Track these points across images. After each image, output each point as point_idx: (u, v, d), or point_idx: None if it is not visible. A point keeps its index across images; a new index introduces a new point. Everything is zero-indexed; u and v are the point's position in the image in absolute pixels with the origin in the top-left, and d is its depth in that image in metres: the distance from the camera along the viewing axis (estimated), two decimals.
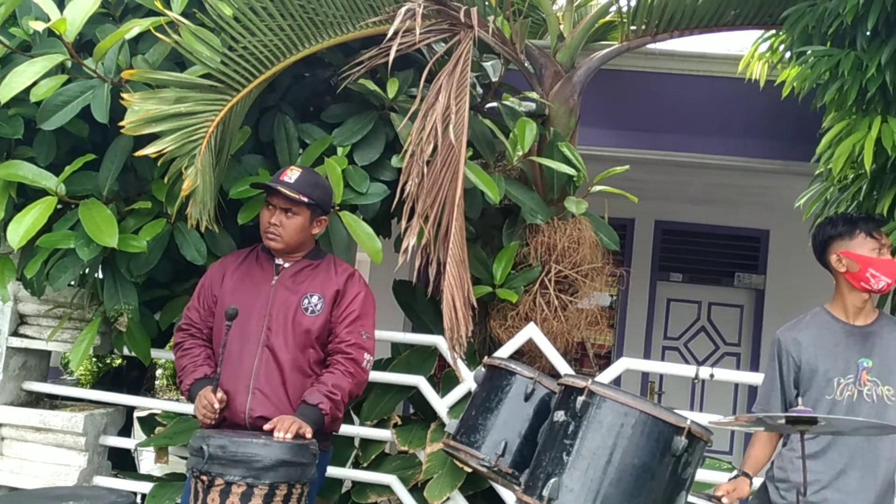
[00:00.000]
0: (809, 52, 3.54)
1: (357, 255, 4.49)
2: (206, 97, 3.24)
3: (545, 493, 2.20)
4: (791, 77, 4.18)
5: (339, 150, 3.70)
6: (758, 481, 3.52)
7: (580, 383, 2.30)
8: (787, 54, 4.15)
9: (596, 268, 3.96)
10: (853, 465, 2.67)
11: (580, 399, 2.26)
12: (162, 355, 4.07)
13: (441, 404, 3.82)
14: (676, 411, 2.31)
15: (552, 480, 2.21)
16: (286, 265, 3.03)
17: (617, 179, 4.10)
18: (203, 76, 3.26)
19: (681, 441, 2.20)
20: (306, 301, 2.96)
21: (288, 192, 2.93)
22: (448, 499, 3.67)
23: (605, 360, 7.17)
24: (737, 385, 7.21)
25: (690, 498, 2.41)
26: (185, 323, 3.10)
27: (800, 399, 2.57)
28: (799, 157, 5.15)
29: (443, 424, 3.77)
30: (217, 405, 2.81)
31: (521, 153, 3.90)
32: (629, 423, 2.24)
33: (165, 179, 3.24)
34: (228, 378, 2.91)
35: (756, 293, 7.49)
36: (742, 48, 4.99)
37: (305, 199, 2.95)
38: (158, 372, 8.02)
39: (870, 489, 2.67)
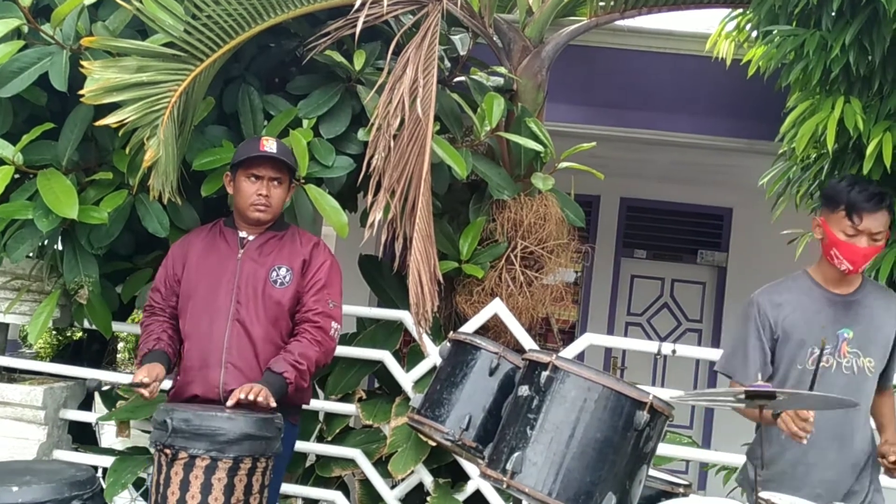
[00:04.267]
0: (775, 31, 3.56)
1: (322, 229, 4.46)
2: (169, 66, 3.18)
3: (508, 466, 2.22)
4: (757, 56, 4.20)
5: (305, 123, 3.66)
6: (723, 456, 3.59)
7: (544, 358, 2.31)
8: (754, 33, 4.17)
9: (562, 244, 3.98)
10: (829, 437, 2.66)
11: (544, 374, 2.27)
12: (123, 328, 4.02)
13: (406, 379, 3.82)
14: (639, 386, 2.33)
15: (516, 454, 2.22)
16: (250, 238, 3.01)
17: (583, 156, 4.11)
18: (165, 45, 3.20)
19: (643, 416, 2.22)
20: (274, 273, 2.95)
21: (283, 159, 2.96)
22: (412, 472, 3.69)
23: (570, 336, 7.21)
24: (698, 361, 7.31)
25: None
26: (148, 304, 3.08)
27: (759, 374, 2.58)
28: (763, 135, 5.20)
29: (407, 399, 3.78)
30: (145, 378, 2.75)
31: (488, 128, 3.89)
32: (592, 397, 2.26)
33: (127, 150, 3.18)
34: (199, 353, 2.89)
35: (718, 270, 7.58)
36: (709, 26, 5.00)
37: (293, 166, 3.01)
38: (120, 345, 7.93)
39: (846, 460, 2.68)
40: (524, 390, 2.34)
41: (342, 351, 3.94)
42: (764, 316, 2.71)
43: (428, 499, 3.69)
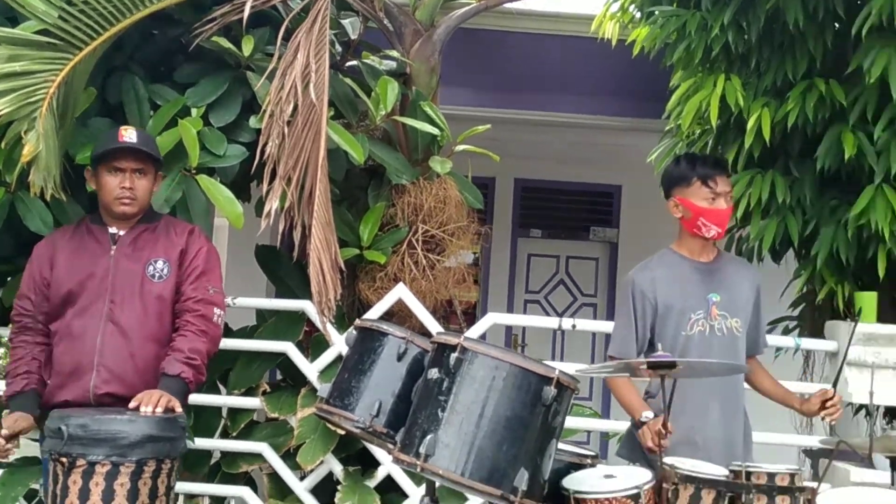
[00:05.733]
0: (657, 12, 3.68)
1: (214, 220, 4.34)
2: (45, 55, 3.01)
3: (422, 450, 2.22)
4: (641, 37, 4.33)
5: (194, 112, 3.54)
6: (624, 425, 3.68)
7: (453, 340, 2.32)
8: (638, 14, 4.29)
9: (462, 227, 4.00)
10: (714, 399, 2.79)
11: (453, 356, 2.28)
12: (4, 334, 3.81)
13: (311, 369, 3.78)
14: (545, 362, 2.38)
15: (428, 437, 2.23)
16: (121, 233, 2.87)
17: (478, 139, 4.14)
18: (39, 32, 3.03)
19: (550, 391, 2.26)
20: (151, 267, 2.84)
21: (144, 149, 2.84)
22: (321, 462, 3.66)
23: (471, 317, 7.28)
24: (594, 334, 7.51)
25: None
26: (17, 314, 2.89)
27: (659, 344, 2.67)
28: (650, 114, 5.37)
29: (313, 389, 3.74)
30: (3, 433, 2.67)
31: (383, 113, 3.86)
32: (500, 376, 2.28)
33: (3, 144, 3.01)
34: (71, 358, 2.77)
35: (610, 246, 7.80)
36: (595, 8, 5.11)
37: (156, 155, 2.89)
38: (1, 351, 7.53)
39: (730, 420, 2.83)
40: (434, 373, 2.34)
41: (243, 344, 3.87)
42: (641, 293, 2.83)
43: (339, 488, 3.67)
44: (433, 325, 3.73)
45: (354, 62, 4.14)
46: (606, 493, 2.38)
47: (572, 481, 2.49)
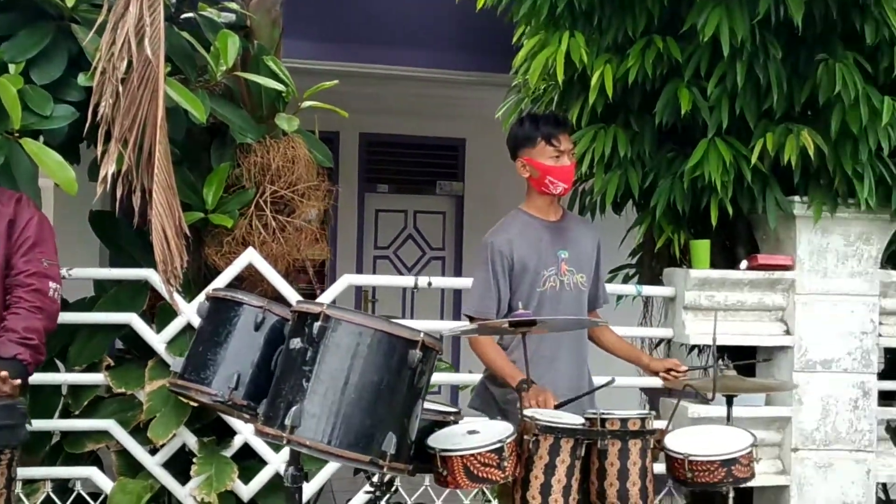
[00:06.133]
0: None
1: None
2: None
3: (287, 421, 2.18)
4: None
5: (12, 68, 3.24)
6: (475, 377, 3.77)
7: (315, 308, 2.27)
8: None
9: (312, 186, 3.90)
10: (562, 350, 2.93)
11: (316, 324, 2.23)
12: None
13: (157, 340, 3.61)
14: (408, 324, 2.37)
15: (294, 408, 2.19)
16: None
17: (322, 92, 4.03)
18: None
19: (416, 354, 2.27)
20: None
21: None
22: (174, 436, 3.52)
23: (320, 275, 7.19)
24: (443, 290, 7.62)
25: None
26: None
27: (520, 303, 2.74)
28: (494, 68, 5.42)
29: (162, 361, 3.58)
30: None
31: (224, 68, 3.67)
32: (365, 342, 2.27)
33: None
34: None
35: (456, 199, 7.89)
36: None
37: None
38: None
39: (576, 370, 2.98)
40: (296, 343, 2.29)
41: (82, 318, 3.64)
42: (500, 254, 2.91)
43: (194, 460, 3.55)
44: (286, 290, 3.64)
45: (191, 14, 3.90)
46: (471, 448, 2.43)
47: (437, 439, 2.53)
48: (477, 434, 2.52)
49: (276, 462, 3.60)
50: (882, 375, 3.97)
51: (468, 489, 3.47)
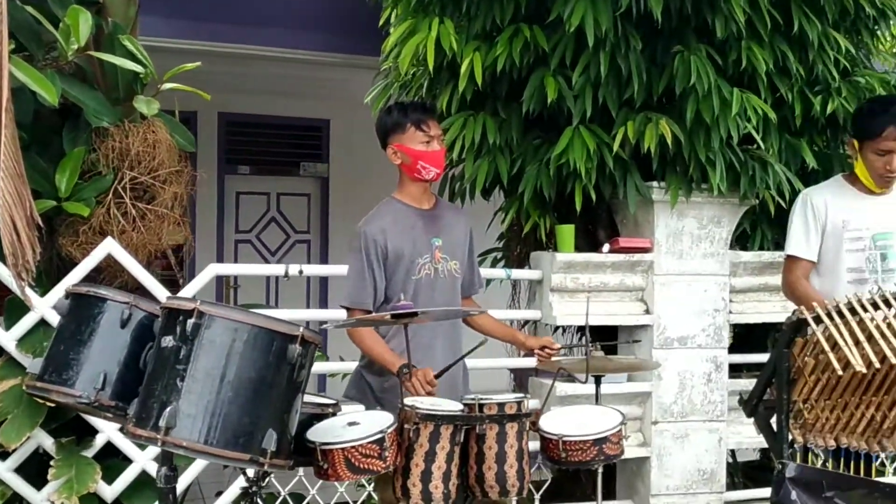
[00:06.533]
0: None
1: None
2: None
3: (162, 422, 2.10)
4: None
5: None
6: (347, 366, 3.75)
7: (188, 305, 2.19)
8: None
9: (174, 172, 3.74)
10: (437, 338, 2.94)
11: (190, 321, 2.16)
12: None
13: (7, 337, 3.37)
14: (288, 320, 2.32)
15: (168, 408, 2.11)
16: None
17: (181, 72, 3.86)
18: None
19: (296, 348, 2.24)
20: None
21: None
22: (29, 438, 3.31)
23: (179, 262, 6.93)
24: (309, 277, 7.52)
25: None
26: None
27: (402, 294, 2.74)
28: (359, 50, 5.37)
29: (13, 360, 3.35)
30: None
31: (76, 47, 3.45)
32: (242, 338, 2.21)
33: None
34: None
35: (321, 181, 7.78)
36: None
37: None
38: None
39: (450, 356, 2.96)
40: (168, 341, 2.20)
41: None
42: (374, 243, 2.90)
43: (52, 463, 3.35)
44: (150, 283, 3.48)
45: None
46: (352, 440, 2.42)
47: (317, 433, 2.50)
48: (357, 425, 2.51)
49: (143, 460, 3.46)
50: (731, 349, 4.24)
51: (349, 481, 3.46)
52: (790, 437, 2.48)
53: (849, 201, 3.11)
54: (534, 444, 2.78)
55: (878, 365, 2.25)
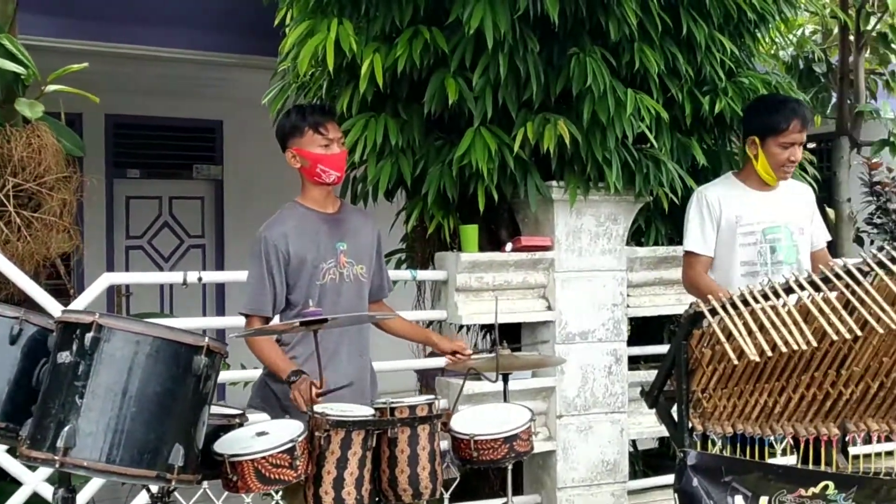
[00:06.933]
0: None
1: None
2: None
3: (60, 443, 2.01)
4: None
5: None
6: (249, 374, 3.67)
7: (86, 318, 2.10)
8: None
9: (61, 178, 3.57)
10: (343, 344, 2.90)
11: (88, 335, 2.08)
12: None
13: None
14: (191, 330, 2.26)
15: (66, 428, 2.03)
16: None
17: (67, 73, 3.69)
18: None
19: (202, 360, 2.19)
20: None
21: None
22: None
23: (68, 269, 6.63)
24: (205, 284, 7.33)
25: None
26: None
27: (311, 301, 2.69)
28: (253, 50, 5.27)
29: None
30: None
31: None
32: (144, 351, 2.15)
33: None
34: None
35: (215, 183, 7.60)
36: None
37: None
38: None
39: (357, 362, 2.96)
40: (65, 356, 2.11)
41: None
42: (275, 248, 2.84)
43: None
44: (40, 295, 3.31)
45: None
46: (262, 451, 2.37)
47: (224, 445, 2.44)
48: (266, 435, 2.46)
49: (33, 482, 3.29)
50: (629, 342, 4.37)
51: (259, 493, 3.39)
52: (690, 426, 2.57)
53: (741, 197, 3.25)
54: (443, 444, 2.79)
55: (769, 353, 2.36)
